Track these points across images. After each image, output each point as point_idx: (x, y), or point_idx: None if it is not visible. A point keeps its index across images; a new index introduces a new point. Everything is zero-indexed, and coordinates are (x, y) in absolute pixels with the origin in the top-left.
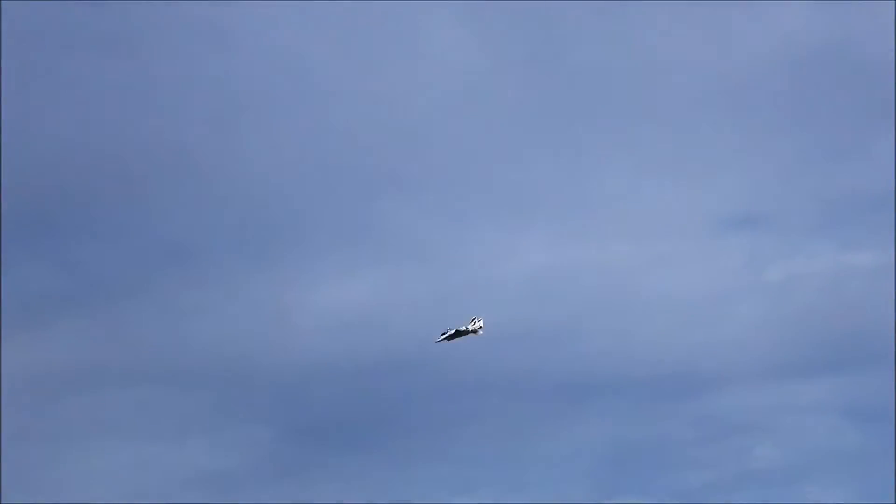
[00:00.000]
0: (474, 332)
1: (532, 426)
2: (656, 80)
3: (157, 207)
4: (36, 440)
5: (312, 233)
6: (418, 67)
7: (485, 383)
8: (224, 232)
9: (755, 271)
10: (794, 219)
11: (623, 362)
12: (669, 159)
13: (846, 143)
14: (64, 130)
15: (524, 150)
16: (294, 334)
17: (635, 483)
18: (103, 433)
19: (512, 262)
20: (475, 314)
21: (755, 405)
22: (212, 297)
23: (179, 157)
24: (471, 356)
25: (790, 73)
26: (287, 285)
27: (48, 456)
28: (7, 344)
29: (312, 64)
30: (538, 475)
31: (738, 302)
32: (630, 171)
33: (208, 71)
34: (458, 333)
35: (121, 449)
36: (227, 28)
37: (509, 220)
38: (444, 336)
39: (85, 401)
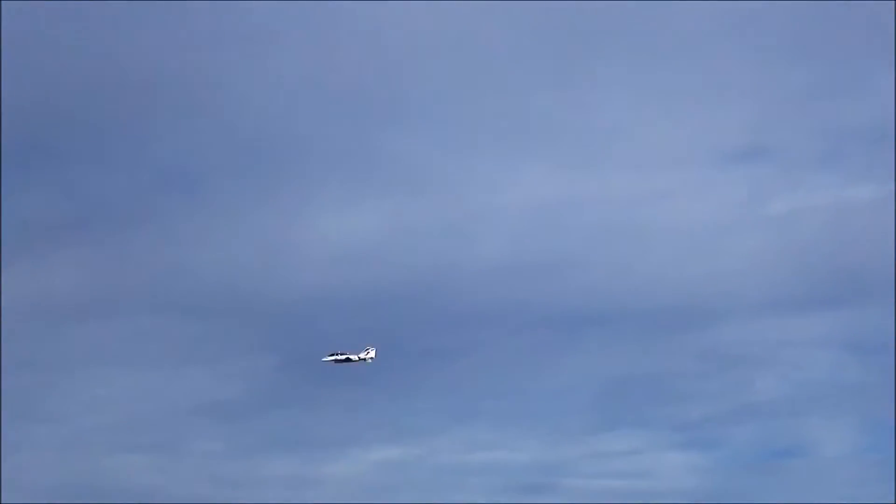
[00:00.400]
0: (363, 359)
1: (531, 358)
2: (661, 13)
3: (160, 134)
4: (37, 368)
5: (315, 163)
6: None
7: (485, 314)
8: (227, 160)
9: (758, 204)
10: (797, 152)
11: (624, 294)
12: (673, 91)
13: (849, 78)
14: (65, 57)
15: (527, 80)
16: (296, 264)
17: (635, 415)
18: (105, 361)
19: (513, 192)
20: (370, 344)
21: (756, 338)
22: (214, 226)
23: (182, 85)
24: (472, 287)
25: (795, 9)
26: (289, 215)
27: (49, 383)
28: (7, 272)
29: None
30: (538, 406)
31: (740, 235)
32: (633, 103)
33: None
34: (347, 360)
35: (123, 377)
36: None
37: (511, 151)
38: (332, 358)
39: (86, 329)
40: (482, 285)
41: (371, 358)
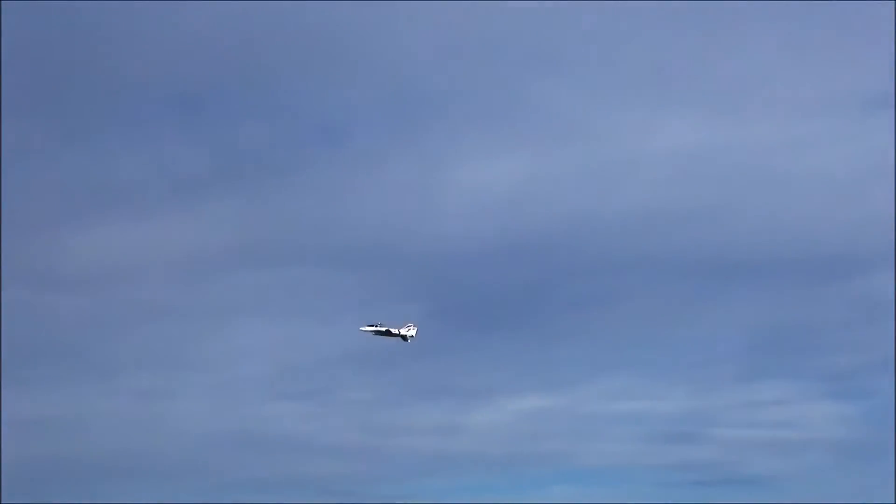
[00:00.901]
0: (403, 337)
1: (679, 306)
2: None
3: (309, 89)
4: (191, 318)
5: (459, 114)
6: None
7: (631, 263)
8: (373, 113)
9: None
10: None
11: (771, 243)
12: (815, 38)
13: None
14: (214, 16)
15: (672, 28)
16: (442, 214)
17: (783, 365)
18: (258, 311)
19: (658, 141)
20: (412, 322)
21: None
22: (361, 177)
23: (326, 38)
24: (617, 236)
25: None
26: (435, 166)
27: (203, 333)
28: (161, 223)
29: None
30: (685, 356)
31: (887, 181)
32: (777, 51)
33: None
34: (388, 333)
35: (275, 327)
36: None
37: (655, 100)
38: (372, 329)
39: (239, 279)
40: (628, 234)
41: (412, 336)
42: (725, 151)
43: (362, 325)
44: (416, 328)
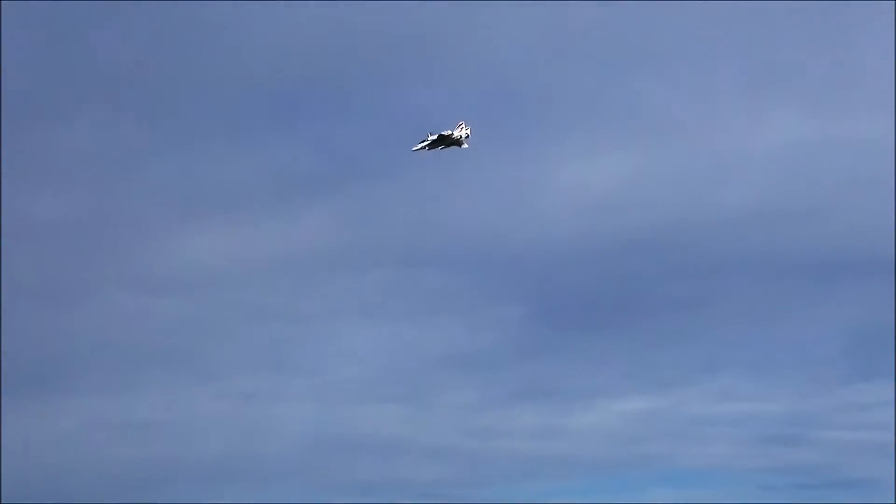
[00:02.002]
0: (458, 141)
1: (782, 306)
2: None
3: (407, 89)
4: (292, 320)
5: (560, 112)
6: None
7: (734, 262)
8: (473, 111)
9: None
10: None
11: (876, 241)
12: None
13: None
14: (315, 18)
15: (775, 25)
16: (542, 214)
17: (889, 365)
18: (358, 313)
19: (761, 138)
20: (464, 119)
21: None
22: (461, 177)
23: (426, 40)
24: (720, 235)
25: None
26: (535, 165)
27: (304, 335)
28: (262, 225)
29: None
30: (789, 356)
31: None
32: (885, 46)
33: None
34: (442, 140)
35: (375, 328)
36: None
37: (758, 96)
38: (424, 144)
39: (339, 281)
40: (731, 233)
41: (467, 136)
42: (829, 149)
43: (414, 147)
44: (469, 128)
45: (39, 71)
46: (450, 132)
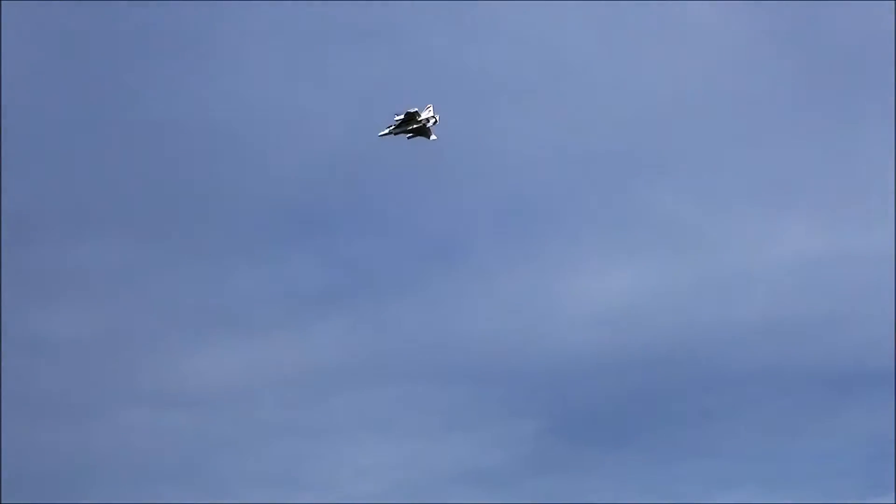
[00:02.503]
0: (426, 130)
1: (800, 419)
2: None
3: (415, 200)
4: (301, 435)
5: (573, 223)
6: (672, 52)
7: (750, 374)
8: (486, 224)
9: None
10: None
11: (892, 353)
12: None
13: None
14: (328, 136)
15: (786, 131)
16: (556, 326)
17: None
18: (368, 429)
19: (776, 248)
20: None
21: None
22: (474, 290)
23: (430, 150)
24: (736, 347)
25: None
26: (549, 276)
27: (313, 452)
28: (272, 340)
29: (565, 54)
30: (804, 471)
31: None
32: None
33: (461, 62)
34: (409, 120)
35: (386, 445)
36: (482, 23)
37: (772, 205)
38: (391, 127)
39: (349, 397)
40: (747, 344)
41: (436, 122)
42: (843, 261)
43: (379, 132)
44: (437, 115)
45: (46, 185)
46: (416, 110)
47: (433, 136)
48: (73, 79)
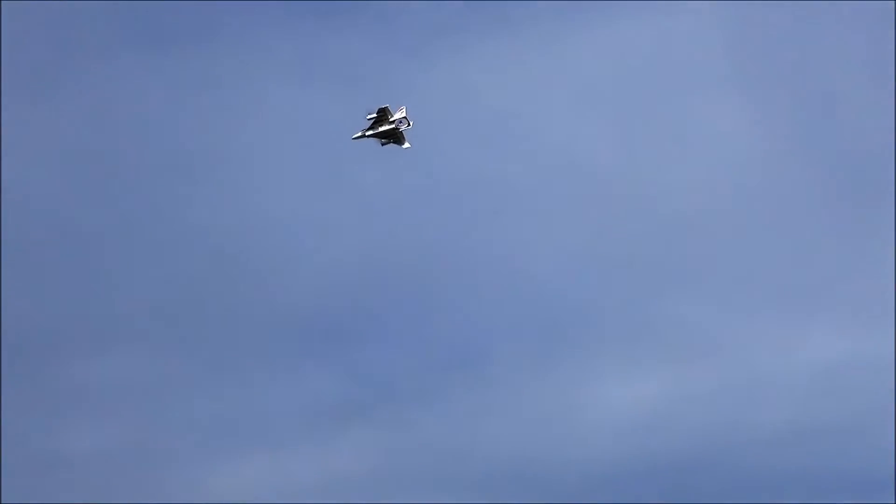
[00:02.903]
0: (399, 136)
1: None
2: None
3: (437, 311)
4: None
5: (595, 331)
6: (694, 158)
7: (776, 482)
8: (506, 333)
9: None
10: None
11: None
12: None
13: None
14: (346, 247)
15: (810, 236)
16: (580, 436)
17: None
18: None
19: (801, 354)
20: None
21: None
22: (496, 401)
23: (455, 261)
24: (762, 454)
25: None
26: (571, 386)
27: None
28: (293, 454)
29: (586, 160)
30: None
31: None
32: None
33: (482, 170)
34: (381, 119)
35: None
36: (503, 130)
37: (797, 310)
38: (364, 130)
39: None
40: (772, 452)
41: (406, 120)
42: (873, 364)
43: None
44: (410, 121)
45: (72, 302)
46: (387, 106)
47: (406, 144)
48: (94, 191)
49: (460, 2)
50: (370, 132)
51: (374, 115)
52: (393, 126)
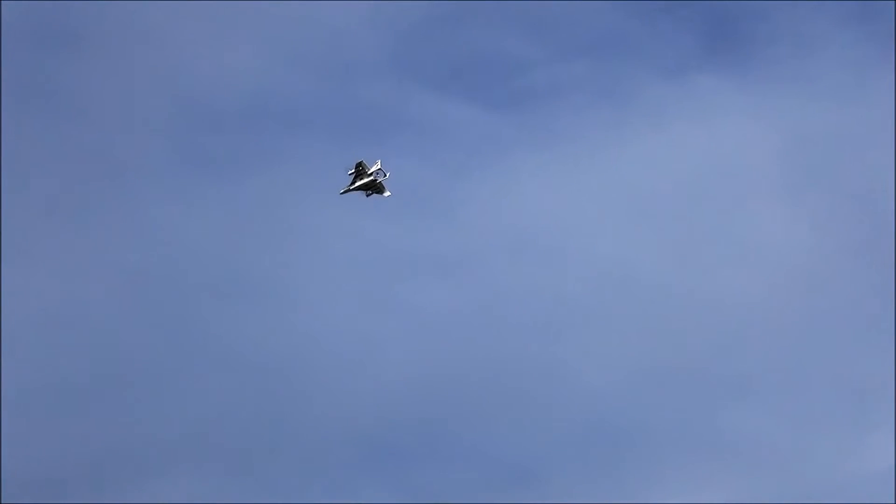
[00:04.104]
0: (378, 186)
1: None
2: None
3: (494, 429)
4: None
5: (656, 445)
6: (750, 266)
7: None
8: (561, 450)
9: None
10: None
11: None
12: None
13: None
14: (398, 363)
15: (868, 345)
16: None
17: None
18: None
19: (863, 465)
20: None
21: None
22: None
23: (512, 378)
24: None
25: None
26: (629, 501)
27: None
28: None
29: (639, 272)
30: None
31: None
32: None
33: (532, 286)
34: (360, 173)
35: None
36: (551, 247)
37: (856, 420)
38: (349, 185)
39: None
40: None
41: (381, 171)
42: None
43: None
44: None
45: (115, 431)
46: (362, 160)
47: (387, 193)
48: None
49: (501, 116)
50: (353, 186)
51: (353, 170)
52: (371, 178)
